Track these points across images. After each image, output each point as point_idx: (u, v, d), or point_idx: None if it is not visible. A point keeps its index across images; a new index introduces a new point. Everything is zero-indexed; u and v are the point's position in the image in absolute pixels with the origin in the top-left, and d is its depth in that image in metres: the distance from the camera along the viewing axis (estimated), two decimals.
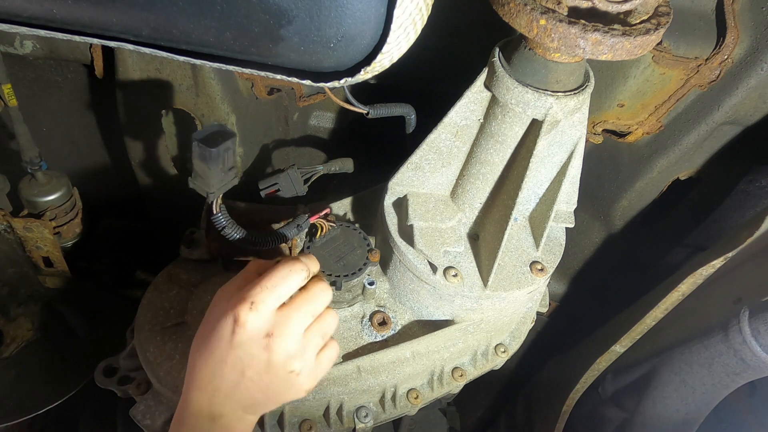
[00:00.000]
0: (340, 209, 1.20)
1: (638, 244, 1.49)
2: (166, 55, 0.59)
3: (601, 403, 1.49)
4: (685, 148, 1.22)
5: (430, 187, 1.04)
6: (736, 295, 1.14)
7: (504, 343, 1.14)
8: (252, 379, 0.73)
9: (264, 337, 0.71)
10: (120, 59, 1.18)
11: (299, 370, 0.75)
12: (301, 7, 0.53)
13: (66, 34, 0.58)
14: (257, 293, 0.71)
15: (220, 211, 0.85)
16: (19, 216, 1.29)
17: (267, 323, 0.71)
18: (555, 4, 0.68)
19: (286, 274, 0.73)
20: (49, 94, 1.45)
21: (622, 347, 1.35)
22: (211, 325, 0.74)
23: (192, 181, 0.81)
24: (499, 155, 0.92)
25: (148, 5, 0.54)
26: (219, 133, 0.75)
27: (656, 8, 0.72)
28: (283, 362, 0.73)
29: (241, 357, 0.72)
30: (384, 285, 1.09)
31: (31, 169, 1.27)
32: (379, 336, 1.03)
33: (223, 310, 0.73)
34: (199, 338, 0.77)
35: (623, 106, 1.21)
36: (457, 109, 0.91)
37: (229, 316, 0.71)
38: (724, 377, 1.15)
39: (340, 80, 0.60)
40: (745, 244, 1.08)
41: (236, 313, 0.70)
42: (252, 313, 0.70)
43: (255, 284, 0.72)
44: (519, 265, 1.01)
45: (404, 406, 1.05)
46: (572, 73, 0.81)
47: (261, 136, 1.45)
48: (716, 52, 1.09)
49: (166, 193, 1.46)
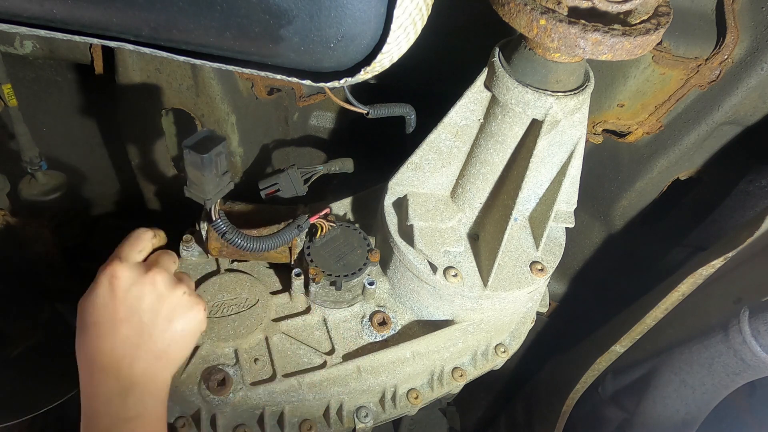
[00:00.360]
0: (340, 209, 1.20)
1: (638, 244, 1.49)
2: (166, 55, 0.59)
3: (601, 403, 1.49)
4: (685, 148, 1.22)
5: (430, 187, 1.04)
6: (736, 295, 1.14)
7: (504, 343, 1.14)
8: (150, 320, 0.76)
9: (144, 275, 0.77)
10: (120, 59, 1.18)
11: (189, 292, 0.81)
12: (301, 7, 0.53)
13: (66, 34, 0.58)
14: (119, 252, 0.80)
15: (219, 217, 0.85)
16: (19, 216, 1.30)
17: (140, 267, 0.79)
18: (555, 4, 0.68)
19: (138, 235, 0.83)
20: (49, 94, 1.45)
21: (622, 347, 1.35)
22: (89, 314, 0.76)
23: (188, 190, 0.80)
24: (499, 155, 0.92)
25: (148, 5, 0.54)
26: (209, 139, 0.75)
27: (656, 8, 0.72)
28: (172, 287, 0.79)
29: (131, 303, 0.76)
30: (384, 285, 1.09)
31: (31, 169, 1.27)
32: (379, 336, 1.03)
33: (90, 290, 0.77)
34: (80, 333, 0.77)
35: (623, 106, 1.21)
36: (457, 109, 0.91)
37: (102, 282, 0.76)
38: (724, 377, 1.15)
39: (340, 80, 0.60)
40: (745, 244, 1.08)
41: (110, 270, 0.76)
42: (123, 263, 0.77)
43: (115, 251, 0.80)
44: (519, 265, 1.01)
45: (404, 406, 1.05)
46: (572, 73, 0.81)
47: (261, 136, 1.45)
48: (716, 52, 1.09)
49: (166, 193, 1.46)
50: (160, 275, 0.78)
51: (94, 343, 0.75)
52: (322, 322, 1.04)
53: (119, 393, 0.74)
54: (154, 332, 0.77)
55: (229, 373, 0.92)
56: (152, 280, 0.77)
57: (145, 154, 1.37)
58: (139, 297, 0.76)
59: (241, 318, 0.99)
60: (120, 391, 0.74)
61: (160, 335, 0.77)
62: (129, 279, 0.76)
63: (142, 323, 0.76)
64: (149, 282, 0.77)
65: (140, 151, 1.37)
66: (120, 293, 0.75)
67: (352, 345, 1.02)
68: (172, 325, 0.78)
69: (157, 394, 0.78)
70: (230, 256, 1.04)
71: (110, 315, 0.75)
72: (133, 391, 0.75)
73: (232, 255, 1.03)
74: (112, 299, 0.75)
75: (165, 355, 0.78)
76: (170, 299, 0.78)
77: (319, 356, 0.99)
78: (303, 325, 1.03)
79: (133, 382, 0.75)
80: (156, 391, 0.77)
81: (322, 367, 0.97)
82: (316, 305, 1.04)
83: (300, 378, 0.95)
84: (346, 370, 0.98)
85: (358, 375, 0.99)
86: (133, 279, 0.77)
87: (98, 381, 0.75)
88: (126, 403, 0.74)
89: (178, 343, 0.80)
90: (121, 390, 0.74)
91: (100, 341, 0.75)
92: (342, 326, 1.04)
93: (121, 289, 0.75)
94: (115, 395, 0.74)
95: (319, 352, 1.00)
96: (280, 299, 1.05)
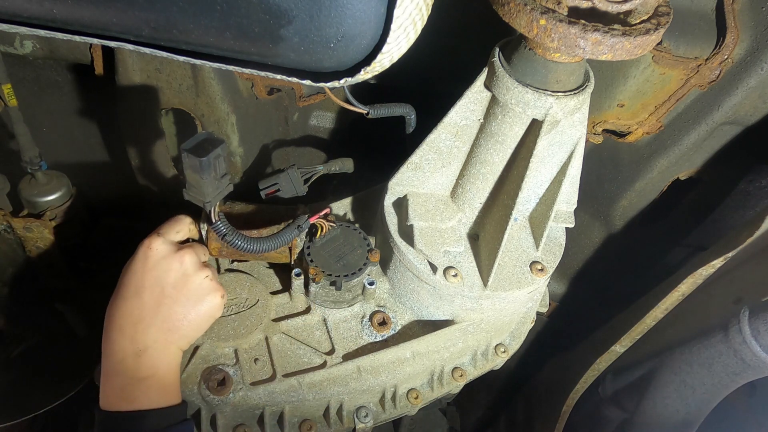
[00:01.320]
0: (340, 209, 1.20)
1: (638, 244, 1.49)
2: (166, 55, 0.59)
3: (601, 403, 1.49)
4: (685, 148, 1.22)
5: (430, 187, 1.04)
6: (736, 295, 1.14)
7: (504, 343, 1.14)
8: (171, 294, 0.82)
9: (175, 252, 0.85)
10: (120, 59, 1.18)
11: (212, 277, 0.88)
12: (301, 7, 0.53)
13: (66, 34, 0.58)
14: (160, 228, 0.88)
15: (219, 218, 0.85)
16: (19, 216, 1.29)
17: (174, 245, 0.87)
18: (555, 4, 0.68)
19: (179, 218, 0.92)
20: (49, 94, 1.45)
21: (622, 347, 1.35)
22: (123, 276, 0.84)
23: (187, 193, 0.80)
24: (499, 155, 0.92)
25: (147, 5, 0.54)
26: (208, 141, 0.75)
27: (656, 8, 0.72)
28: (198, 269, 0.86)
29: (158, 274, 0.82)
30: (384, 285, 1.09)
31: (31, 169, 1.27)
32: (379, 336, 1.03)
33: (132, 257, 0.85)
34: (114, 295, 0.84)
35: (623, 106, 1.21)
36: (457, 109, 0.91)
37: (141, 249, 0.84)
38: (724, 377, 1.15)
39: (340, 80, 0.60)
40: (745, 244, 1.08)
41: (148, 242, 0.84)
42: (160, 238, 0.86)
43: (157, 228, 0.89)
44: (519, 265, 1.01)
45: (404, 406, 1.05)
46: (572, 73, 0.81)
47: (261, 136, 1.45)
48: (716, 52, 1.09)
49: (166, 193, 1.46)
50: (189, 256, 0.85)
51: (118, 303, 0.82)
52: (322, 322, 1.04)
53: (133, 354, 0.80)
54: (172, 305, 0.82)
55: (229, 373, 0.92)
56: (181, 258, 0.84)
57: (145, 154, 1.37)
58: (167, 270, 0.83)
59: (241, 318, 0.99)
60: (134, 351, 0.80)
61: (178, 309, 0.83)
62: (162, 252, 0.84)
63: (164, 294, 0.82)
64: (178, 259, 0.84)
65: (140, 151, 1.37)
66: (150, 263, 0.83)
67: (352, 345, 1.02)
68: (189, 303, 0.84)
69: (169, 361, 0.83)
70: (230, 256, 1.04)
71: (138, 281, 0.82)
72: (147, 353, 0.80)
73: (232, 255, 1.03)
74: (143, 267, 0.83)
75: (177, 330, 0.83)
76: (194, 279, 0.85)
77: (319, 356, 0.99)
78: (303, 325, 1.03)
79: (147, 345, 0.80)
80: (167, 357, 0.82)
81: (322, 367, 0.97)
82: (316, 305, 1.04)
83: (300, 378, 0.95)
84: (346, 370, 0.98)
85: (358, 375, 0.99)
86: (165, 253, 0.84)
87: (115, 340, 0.81)
88: (139, 363, 0.79)
89: (192, 322, 0.84)
90: (135, 351, 0.80)
91: (123, 302, 0.82)
92: (342, 326, 1.04)
93: (153, 259, 0.83)
94: (129, 355, 0.80)
95: (319, 352, 1.00)
96: (280, 299, 1.05)
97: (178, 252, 0.85)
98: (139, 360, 0.79)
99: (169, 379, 0.83)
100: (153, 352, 0.80)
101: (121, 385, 0.79)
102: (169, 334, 0.82)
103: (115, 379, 0.79)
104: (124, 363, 0.79)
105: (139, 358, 0.79)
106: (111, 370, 0.80)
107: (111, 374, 0.80)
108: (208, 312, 0.86)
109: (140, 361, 0.79)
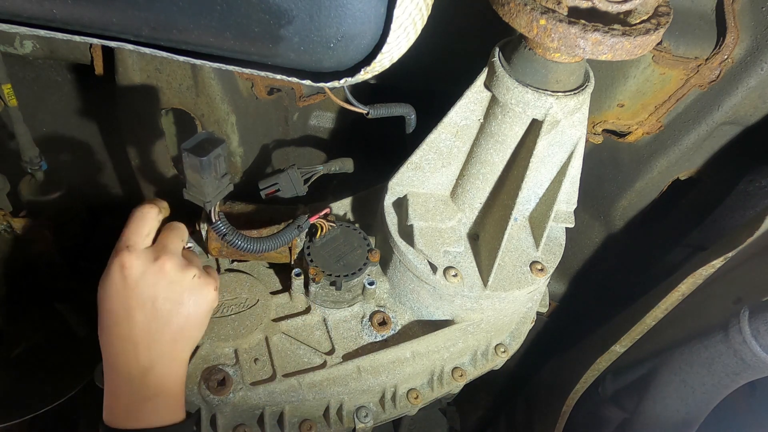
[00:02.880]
0: (340, 209, 1.20)
1: (638, 244, 1.49)
2: (166, 55, 0.59)
3: (601, 403, 1.49)
4: (685, 148, 1.22)
5: (430, 187, 1.04)
6: (736, 295, 1.14)
7: (504, 343, 1.14)
8: (163, 306, 0.78)
9: (153, 263, 0.78)
10: (120, 59, 1.18)
11: (199, 274, 0.82)
12: (301, 7, 0.53)
13: (66, 34, 0.58)
14: (125, 239, 0.79)
15: (219, 218, 0.85)
16: (19, 216, 1.30)
17: (148, 255, 0.79)
18: (555, 4, 0.68)
19: (142, 215, 0.81)
20: (49, 94, 1.45)
21: (622, 347, 1.35)
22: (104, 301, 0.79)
23: (187, 193, 0.80)
24: (499, 155, 0.92)
25: (147, 5, 0.54)
26: (208, 141, 0.75)
27: (656, 8, 0.72)
28: (181, 272, 0.80)
29: (142, 291, 0.77)
30: (384, 285, 1.09)
31: (31, 169, 1.27)
32: (379, 336, 1.03)
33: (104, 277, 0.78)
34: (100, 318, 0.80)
35: (623, 106, 1.21)
36: (457, 109, 0.91)
37: (114, 270, 0.77)
38: (724, 377, 1.15)
39: (340, 80, 0.60)
40: (745, 244, 1.08)
41: (119, 261, 0.77)
42: (131, 253, 0.77)
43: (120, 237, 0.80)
44: (519, 265, 1.01)
45: (404, 406, 1.05)
46: (572, 73, 0.81)
47: (261, 136, 1.45)
48: (716, 52, 1.09)
49: (166, 193, 1.46)
50: (169, 262, 0.79)
51: (112, 329, 0.78)
52: (322, 322, 1.04)
53: (139, 374, 0.77)
54: (168, 317, 0.79)
55: (229, 373, 0.92)
56: (161, 268, 0.78)
57: (145, 154, 1.37)
58: (151, 285, 0.78)
59: (241, 318, 0.99)
60: (140, 372, 0.77)
61: (175, 319, 0.79)
62: (139, 268, 0.77)
63: (156, 309, 0.78)
64: (159, 271, 0.78)
65: (140, 151, 1.37)
66: (131, 282, 0.77)
67: (352, 345, 1.02)
68: (185, 308, 0.80)
69: (176, 375, 0.80)
70: (230, 256, 1.04)
71: (124, 303, 0.77)
72: (153, 371, 0.77)
73: (231, 255, 1.03)
74: (124, 288, 0.77)
75: (181, 337, 0.81)
76: (181, 284, 0.80)
77: (319, 356, 0.99)
78: (303, 325, 1.03)
79: (152, 364, 0.77)
80: (174, 371, 0.80)
81: (322, 367, 0.97)
82: (316, 305, 1.04)
83: (300, 378, 0.95)
84: (346, 370, 0.98)
85: (358, 375, 0.99)
86: (143, 268, 0.78)
87: (118, 363, 0.77)
88: (145, 383, 0.77)
89: (193, 323, 0.82)
90: (141, 371, 0.77)
91: (117, 327, 0.78)
92: (342, 326, 1.04)
93: (132, 278, 0.77)
94: (135, 376, 0.77)
95: (319, 352, 1.00)
96: (280, 299, 1.05)
97: (156, 262, 0.78)
98: (145, 379, 0.77)
99: (176, 392, 0.81)
100: (160, 368, 0.78)
101: (126, 404, 0.77)
102: (174, 344, 0.80)
103: (121, 398, 0.77)
104: (130, 383, 0.77)
105: (146, 377, 0.77)
106: (116, 388, 0.78)
107: (116, 393, 0.78)
108: (205, 308, 0.84)
109: (147, 380, 0.77)
